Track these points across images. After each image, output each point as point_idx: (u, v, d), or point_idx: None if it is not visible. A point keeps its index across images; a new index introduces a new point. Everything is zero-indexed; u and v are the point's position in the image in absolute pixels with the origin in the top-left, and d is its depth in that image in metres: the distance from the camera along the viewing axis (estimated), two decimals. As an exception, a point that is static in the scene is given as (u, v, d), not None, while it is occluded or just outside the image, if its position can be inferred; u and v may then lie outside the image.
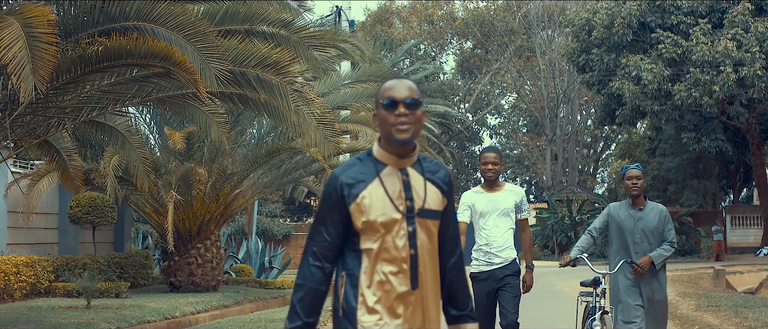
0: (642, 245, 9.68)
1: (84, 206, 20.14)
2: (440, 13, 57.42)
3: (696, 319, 16.06)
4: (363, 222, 4.57)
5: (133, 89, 12.50)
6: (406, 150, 4.60)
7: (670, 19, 35.32)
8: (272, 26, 12.66)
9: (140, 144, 14.48)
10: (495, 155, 9.60)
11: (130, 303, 18.55)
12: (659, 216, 9.74)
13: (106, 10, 10.57)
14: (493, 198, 9.53)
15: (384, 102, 4.53)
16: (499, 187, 9.64)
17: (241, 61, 11.76)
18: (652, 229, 9.67)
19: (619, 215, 9.80)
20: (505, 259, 9.52)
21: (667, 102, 34.85)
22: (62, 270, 20.49)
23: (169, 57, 10.08)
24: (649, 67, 34.10)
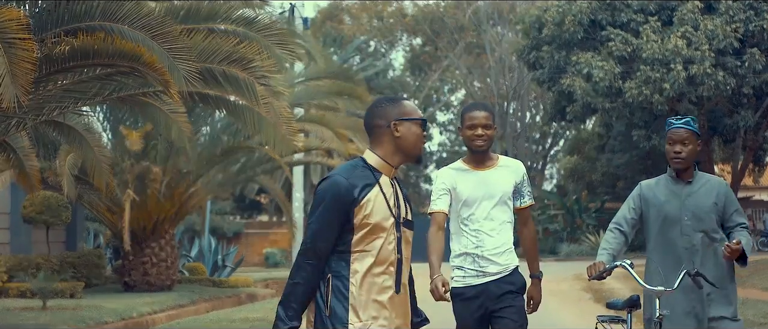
0: (693, 236, 6.92)
1: (38, 206, 19.93)
2: (390, 10, 57.45)
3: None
4: (365, 224, 4.83)
5: (96, 87, 12.37)
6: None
7: (620, 16, 35.51)
8: (234, 24, 12.62)
9: (98, 143, 14.32)
10: (485, 114, 6.85)
11: (86, 304, 18.38)
12: (717, 191, 7.03)
13: (71, 9, 10.44)
14: (485, 178, 6.80)
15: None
16: (492, 162, 6.89)
17: (207, 57, 11.72)
18: (707, 210, 6.93)
19: (658, 196, 7.05)
20: (505, 267, 6.79)
21: (618, 99, 35.03)
22: (15, 270, 20.25)
23: (138, 57, 10.00)
24: (600, 65, 34.26)
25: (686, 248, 6.93)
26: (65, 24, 10.51)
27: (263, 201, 50.59)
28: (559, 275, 27.78)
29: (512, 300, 6.78)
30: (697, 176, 7.10)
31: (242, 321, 18.29)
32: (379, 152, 4.96)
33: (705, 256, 6.93)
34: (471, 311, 6.80)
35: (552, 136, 59.99)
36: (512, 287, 6.80)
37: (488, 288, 6.76)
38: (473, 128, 6.78)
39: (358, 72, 49.61)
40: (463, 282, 6.84)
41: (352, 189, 4.83)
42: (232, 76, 11.77)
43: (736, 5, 34.18)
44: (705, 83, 33.15)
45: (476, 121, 6.78)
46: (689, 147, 6.98)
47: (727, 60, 33.64)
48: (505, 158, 7.08)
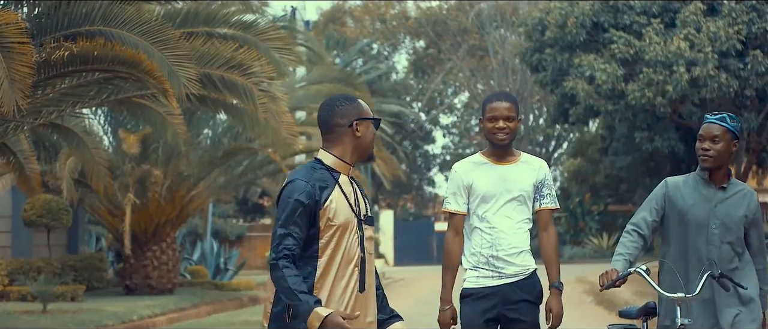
0: (720, 248, 6.34)
1: (38, 209, 19.90)
2: (393, 13, 57.40)
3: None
4: (330, 226, 4.86)
5: (93, 90, 12.37)
6: None
7: (623, 18, 35.46)
8: (233, 28, 12.61)
9: (96, 145, 14.32)
10: (508, 105, 6.33)
11: (86, 307, 18.38)
12: (749, 203, 6.42)
13: (71, 13, 10.42)
14: (504, 174, 6.34)
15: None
16: (514, 158, 6.43)
17: (206, 62, 11.71)
18: (736, 220, 6.35)
19: (685, 198, 6.39)
20: (523, 268, 6.34)
21: (621, 101, 34.99)
22: (16, 274, 20.24)
23: (137, 64, 9.99)
24: (603, 67, 34.21)
25: (711, 258, 6.29)
26: (65, 28, 10.49)
27: (266, 204, 50.56)
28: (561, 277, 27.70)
29: (527, 311, 6.28)
30: (731, 182, 6.47)
31: (243, 323, 18.29)
32: (335, 152, 4.97)
33: (728, 269, 6.34)
34: (482, 310, 6.27)
35: (556, 139, 59.91)
36: (529, 296, 6.29)
37: (504, 291, 6.25)
38: (494, 120, 6.27)
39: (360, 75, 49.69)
40: (476, 282, 6.36)
41: (315, 192, 4.83)
42: (231, 82, 11.79)
43: (738, 7, 34.12)
44: (708, 85, 33.10)
45: (497, 112, 6.28)
46: (720, 145, 6.27)
47: (729, 62, 33.58)
48: (527, 155, 6.58)
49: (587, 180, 48.14)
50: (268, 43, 12.87)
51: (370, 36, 56.47)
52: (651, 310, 6.57)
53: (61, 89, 11.79)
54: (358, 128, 4.96)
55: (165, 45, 10.15)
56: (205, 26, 12.47)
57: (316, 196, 4.83)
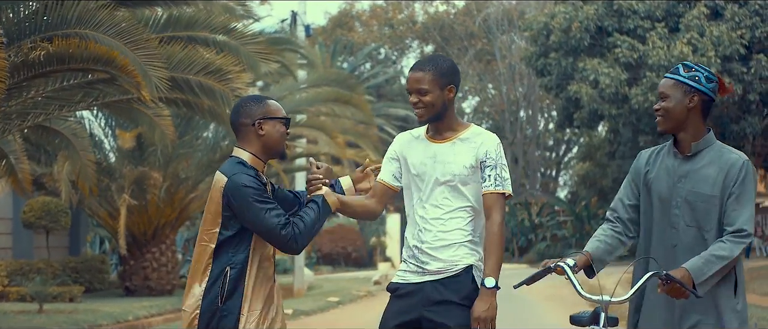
0: (685, 232, 5.18)
1: (37, 211, 20.15)
2: (400, 17, 57.58)
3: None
4: None
5: (80, 94, 12.60)
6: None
7: (627, 23, 35.54)
8: (215, 33, 12.81)
9: (86, 148, 14.53)
10: (421, 75, 5.34)
11: (83, 308, 18.58)
12: (727, 174, 5.12)
13: (48, 16, 10.65)
14: (436, 154, 5.41)
15: None
16: (452, 134, 5.45)
17: (184, 67, 11.92)
18: (704, 198, 5.14)
19: (650, 171, 5.34)
20: (449, 266, 5.33)
21: (624, 106, 35.10)
22: (16, 275, 20.48)
23: (111, 61, 10.22)
24: (607, 71, 34.33)
25: (673, 246, 5.21)
26: (43, 31, 10.73)
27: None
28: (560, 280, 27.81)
29: (449, 316, 5.28)
30: (705, 149, 5.22)
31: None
32: (249, 150, 5.14)
33: None
34: (399, 312, 5.39)
35: (566, 143, 59.96)
36: (454, 296, 5.28)
37: (425, 289, 5.30)
38: (409, 93, 5.41)
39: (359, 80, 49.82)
40: (402, 277, 5.43)
41: (259, 183, 5.06)
42: (208, 87, 11.98)
43: (742, 11, 34.18)
44: (710, 89, 33.21)
45: (409, 84, 5.39)
46: (670, 102, 5.21)
47: (733, 66, 33.64)
48: (475, 128, 5.51)
49: (596, 184, 48.18)
50: (248, 49, 13.05)
51: (377, 41, 56.65)
52: (598, 317, 5.15)
53: (46, 92, 12.03)
54: (262, 127, 5.10)
55: (137, 46, 10.37)
56: (186, 31, 12.70)
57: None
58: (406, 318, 5.35)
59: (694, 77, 5.26)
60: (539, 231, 45.69)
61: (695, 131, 5.24)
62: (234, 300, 4.98)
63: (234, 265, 4.99)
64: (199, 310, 5.02)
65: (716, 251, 5.02)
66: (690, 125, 5.23)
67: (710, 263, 4.99)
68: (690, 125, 5.23)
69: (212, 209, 5.03)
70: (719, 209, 5.13)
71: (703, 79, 5.24)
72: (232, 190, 4.94)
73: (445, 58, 5.51)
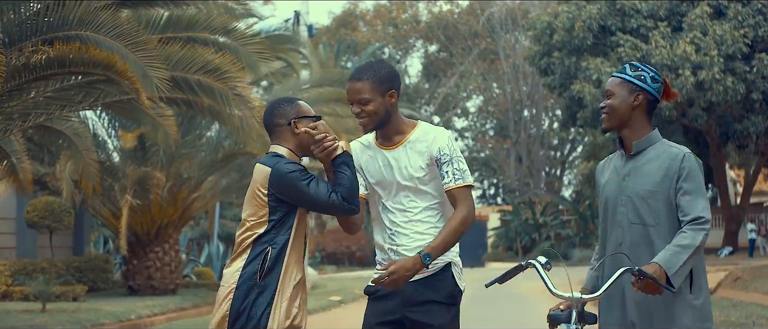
0: (630, 230, 5.22)
1: (40, 211, 20.21)
2: (404, 17, 57.65)
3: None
4: None
5: (80, 94, 12.69)
6: None
7: (630, 22, 35.61)
8: (215, 33, 12.91)
9: (88, 147, 14.62)
10: (361, 85, 5.31)
11: (86, 307, 18.67)
12: (668, 168, 5.14)
13: (49, 18, 10.75)
14: (390, 160, 5.38)
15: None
16: (401, 138, 5.39)
17: (184, 66, 12.03)
18: (644, 194, 5.18)
19: (603, 174, 5.47)
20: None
21: (627, 105, 35.18)
22: (20, 275, 20.57)
23: (111, 66, 10.31)
24: (610, 71, 34.34)
25: (619, 244, 5.22)
26: (44, 33, 10.82)
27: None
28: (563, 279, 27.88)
29: (434, 316, 5.28)
30: (648, 147, 5.26)
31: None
32: (289, 146, 5.31)
33: (642, 261, 5.08)
34: (381, 312, 5.35)
35: (570, 142, 60.01)
36: (437, 295, 5.27)
37: (407, 290, 5.23)
38: (350, 104, 5.37)
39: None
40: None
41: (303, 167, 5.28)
42: (207, 86, 12.08)
43: (745, 10, 34.23)
44: (713, 88, 33.22)
45: (349, 96, 5.35)
46: (615, 100, 5.26)
47: (736, 65, 33.70)
48: (423, 126, 5.47)
49: (600, 183, 48.24)
50: (247, 49, 13.14)
51: (381, 40, 56.74)
52: (579, 313, 5.08)
53: (46, 93, 12.12)
54: (297, 126, 5.27)
55: (137, 47, 10.48)
56: (186, 32, 12.79)
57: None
58: (388, 318, 5.32)
59: (640, 76, 5.28)
60: (543, 230, 45.74)
61: (639, 129, 5.26)
62: (272, 277, 5.17)
63: (275, 245, 5.19)
64: (236, 284, 5.18)
65: (680, 241, 5.00)
66: (634, 123, 5.25)
67: (677, 253, 4.96)
68: (634, 123, 5.25)
69: (256, 197, 5.21)
70: (663, 205, 5.14)
71: (649, 79, 5.26)
72: (278, 178, 5.15)
73: (383, 64, 5.45)
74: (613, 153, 5.46)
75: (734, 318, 15.60)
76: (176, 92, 12.53)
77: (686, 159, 5.14)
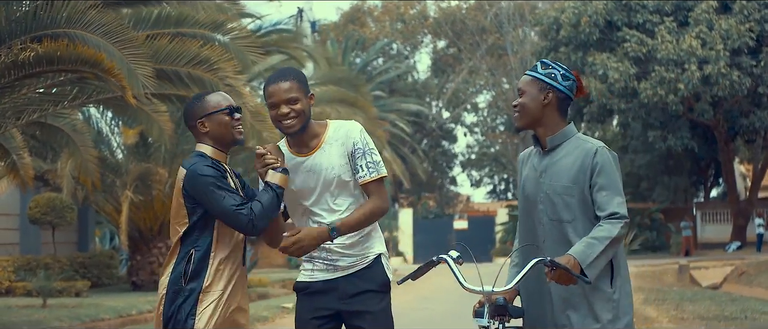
0: (550, 227, 5.16)
1: (42, 207, 20.33)
2: (412, 13, 57.69)
3: (637, 312, 16.35)
4: None
5: (74, 91, 12.81)
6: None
7: (636, 17, 35.64)
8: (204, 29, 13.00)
9: (86, 143, 14.74)
10: (289, 85, 5.27)
11: (88, 302, 18.78)
12: (581, 164, 5.07)
13: (38, 16, 10.85)
14: (312, 166, 5.36)
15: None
16: (317, 141, 5.38)
17: (173, 59, 12.14)
18: (559, 190, 5.12)
19: (523, 171, 5.40)
20: (360, 258, 5.44)
21: (634, 100, 35.17)
22: (23, 270, 20.71)
23: (98, 63, 10.42)
24: (616, 66, 34.40)
25: (542, 241, 5.19)
26: (33, 31, 10.92)
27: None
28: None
29: (370, 303, 5.35)
30: (563, 143, 5.19)
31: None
32: (208, 144, 5.30)
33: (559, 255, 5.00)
34: (314, 308, 5.40)
35: (580, 137, 59.79)
36: (372, 285, 5.36)
37: (340, 285, 5.32)
38: (275, 107, 5.24)
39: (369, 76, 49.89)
40: (310, 275, 5.44)
41: (218, 172, 5.20)
42: (198, 77, 12.18)
43: (750, 5, 34.19)
44: (719, 82, 33.19)
45: (276, 97, 5.23)
46: (526, 98, 5.21)
47: (742, 60, 33.67)
48: (334, 124, 5.47)
49: (609, 178, 48.15)
50: (237, 43, 13.25)
51: (389, 36, 56.77)
52: (500, 308, 5.02)
53: (39, 89, 12.26)
54: (205, 125, 5.26)
55: (124, 45, 10.59)
56: (175, 28, 12.89)
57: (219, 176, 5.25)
58: (322, 313, 5.37)
59: (551, 75, 5.22)
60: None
61: (553, 126, 5.19)
62: (198, 281, 5.15)
63: (198, 247, 5.17)
64: (165, 290, 5.19)
65: (596, 233, 4.94)
66: (546, 121, 5.18)
67: (592, 245, 4.90)
68: (546, 121, 5.18)
69: (176, 200, 5.23)
70: (578, 200, 5.08)
71: (560, 77, 5.20)
72: (191, 180, 5.13)
73: (297, 69, 5.51)
74: (531, 148, 5.40)
75: (729, 312, 15.63)
76: (167, 87, 12.65)
77: (599, 154, 5.06)
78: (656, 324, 14.64)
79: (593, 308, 5.06)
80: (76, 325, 15.95)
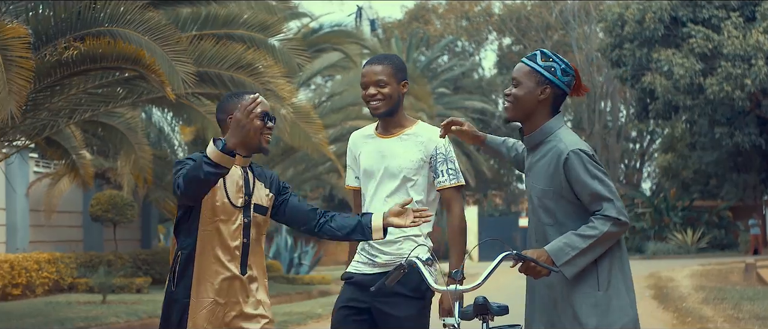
0: (535, 228, 5.00)
1: (104, 204, 20.67)
2: (477, 10, 57.53)
3: (694, 311, 16.19)
4: (208, 205, 5.03)
5: (123, 91, 12.99)
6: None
7: (701, 13, 35.21)
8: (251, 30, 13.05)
9: (140, 141, 14.94)
10: (380, 68, 5.44)
11: (147, 299, 19.01)
12: (555, 166, 4.82)
13: (82, 16, 11.01)
14: (384, 149, 5.48)
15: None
16: (399, 129, 5.48)
17: (217, 62, 12.23)
18: (538, 192, 4.92)
19: (523, 164, 5.22)
20: (396, 259, 5.38)
21: (700, 96, 34.76)
22: (86, 267, 21.01)
23: (139, 60, 10.55)
24: (681, 62, 34.04)
25: (535, 242, 4.99)
26: (77, 30, 11.09)
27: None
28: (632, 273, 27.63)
29: (399, 308, 5.35)
30: (542, 142, 4.93)
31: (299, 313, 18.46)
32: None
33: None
34: (350, 298, 5.48)
35: (649, 134, 59.37)
36: (404, 289, 5.30)
37: (376, 281, 5.20)
38: (364, 87, 5.43)
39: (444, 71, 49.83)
40: (354, 266, 5.56)
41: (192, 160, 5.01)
42: (240, 82, 12.23)
43: (820, -2, 33.68)
44: (787, 78, 32.72)
45: (367, 78, 5.41)
46: (521, 90, 4.92)
47: (811, 55, 33.18)
48: (422, 124, 5.55)
49: (678, 175, 47.68)
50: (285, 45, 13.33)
51: (454, 33, 56.67)
52: (481, 307, 4.83)
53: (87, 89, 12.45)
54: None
55: (165, 42, 10.70)
56: (222, 28, 12.98)
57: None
58: (358, 305, 5.42)
59: (550, 68, 4.92)
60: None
61: (539, 122, 4.92)
62: (184, 283, 5.02)
63: (184, 248, 5.03)
64: (164, 297, 5.11)
65: (583, 230, 4.72)
66: (536, 117, 4.92)
67: (572, 242, 4.70)
68: (536, 117, 4.92)
69: None
70: (555, 203, 4.85)
71: (559, 72, 4.91)
72: (173, 169, 5.05)
73: (397, 56, 5.59)
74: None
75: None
76: (208, 88, 12.74)
77: (569, 160, 4.77)
78: (710, 324, 14.46)
79: (577, 313, 4.81)
80: (132, 321, 16.16)
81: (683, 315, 15.83)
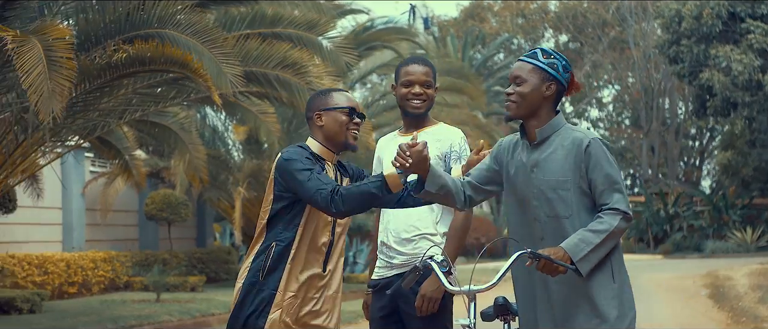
0: (548, 224, 4.87)
1: (158, 203, 20.86)
2: (533, 7, 57.29)
3: (749, 311, 16.02)
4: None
5: (174, 90, 13.10)
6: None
7: (760, 8, 34.78)
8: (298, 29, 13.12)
9: (194, 141, 15.08)
10: (426, 69, 5.66)
11: (201, 297, 19.15)
12: (575, 156, 4.79)
13: (131, 18, 11.14)
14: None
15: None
16: (423, 127, 5.66)
17: (262, 61, 12.31)
18: (553, 185, 4.83)
19: (510, 164, 5.04)
20: (412, 258, 5.52)
21: (758, 93, 34.35)
22: (141, 266, 21.21)
23: (185, 64, 10.66)
24: (739, 58, 33.66)
25: (541, 238, 4.88)
26: (126, 32, 11.22)
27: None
28: (690, 271, 27.46)
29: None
30: (552, 135, 4.89)
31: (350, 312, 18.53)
32: (318, 139, 5.18)
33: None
34: (380, 305, 5.63)
35: (709, 131, 58.78)
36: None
37: (393, 283, 5.49)
38: (410, 85, 5.56)
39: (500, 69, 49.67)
40: (376, 272, 5.72)
41: (309, 159, 5.05)
42: (285, 81, 12.30)
43: None
44: None
45: (414, 77, 5.56)
46: (525, 88, 4.85)
47: None
48: (441, 125, 5.73)
49: (738, 173, 47.12)
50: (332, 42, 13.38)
51: (510, 31, 56.48)
52: (501, 307, 5.12)
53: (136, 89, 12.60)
54: (321, 119, 5.14)
55: (213, 44, 10.80)
56: (269, 27, 13.06)
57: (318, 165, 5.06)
58: (387, 312, 5.60)
59: (553, 65, 4.89)
60: (675, 222, 44.86)
61: (545, 118, 4.89)
62: (274, 276, 5.02)
63: (280, 241, 5.03)
64: (242, 282, 5.08)
65: (594, 225, 4.72)
66: (541, 113, 4.89)
67: (587, 238, 4.68)
68: (541, 113, 4.89)
69: (268, 187, 5.15)
70: (573, 194, 4.80)
71: (561, 69, 4.90)
72: (279, 165, 5.04)
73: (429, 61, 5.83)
74: (516, 134, 5.06)
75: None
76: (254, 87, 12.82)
77: (591, 147, 4.77)
78: (765, 324, 14.32)
79: (597, 305, 4.79)
80: (185, 320, 16.30)
81: (738, 315, 15.67)
